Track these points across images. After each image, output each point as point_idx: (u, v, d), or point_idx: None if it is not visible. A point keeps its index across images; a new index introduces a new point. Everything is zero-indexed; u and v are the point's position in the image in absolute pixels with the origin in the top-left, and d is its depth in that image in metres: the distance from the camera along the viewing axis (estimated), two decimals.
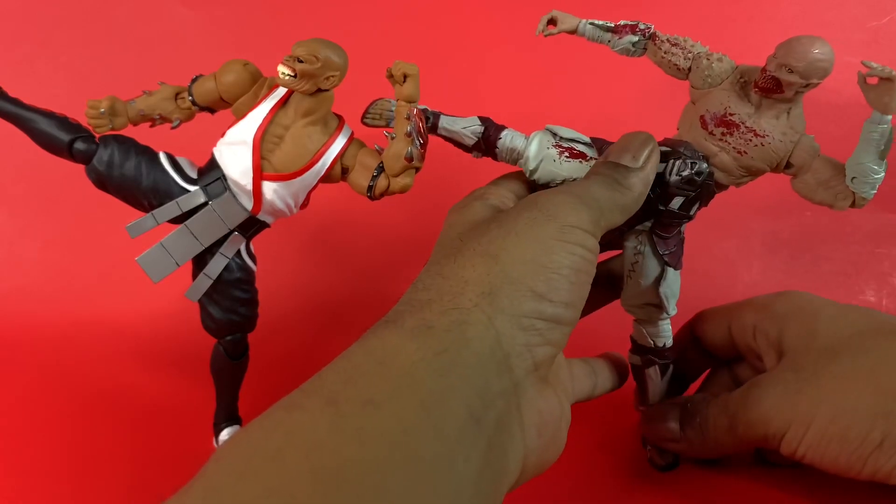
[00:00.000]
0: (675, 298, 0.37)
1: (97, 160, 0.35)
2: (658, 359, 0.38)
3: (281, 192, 0.36)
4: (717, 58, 0.34)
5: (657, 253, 0.35)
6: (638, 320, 0.38)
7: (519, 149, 0.35)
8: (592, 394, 0.37)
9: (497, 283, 0.27)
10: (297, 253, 0.61)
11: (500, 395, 0.25)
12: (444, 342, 0.25)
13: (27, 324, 0.54)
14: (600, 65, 0.60)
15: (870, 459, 0.30)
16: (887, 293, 0.59)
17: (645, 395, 0.40)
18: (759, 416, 0.34)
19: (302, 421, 0.22)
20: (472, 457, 0.23)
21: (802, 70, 0.30)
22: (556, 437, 0.28)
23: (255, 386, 0.41)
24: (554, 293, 0.27)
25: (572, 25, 0.35)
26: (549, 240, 0.28)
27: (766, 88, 0.31)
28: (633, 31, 0.35)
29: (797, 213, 0.60)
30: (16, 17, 0.63)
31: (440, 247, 0.31)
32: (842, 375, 0.32)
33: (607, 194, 0.30)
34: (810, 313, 0.36)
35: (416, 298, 0.27)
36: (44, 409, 0.45)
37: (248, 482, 0.20)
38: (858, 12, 0.61)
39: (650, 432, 0.40)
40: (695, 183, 0.33)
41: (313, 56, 0.33)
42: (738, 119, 0.33)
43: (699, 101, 0.34)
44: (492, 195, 0.33)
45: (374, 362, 0.24)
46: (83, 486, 0.38)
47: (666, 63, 0.35)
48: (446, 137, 0.36)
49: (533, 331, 0.26)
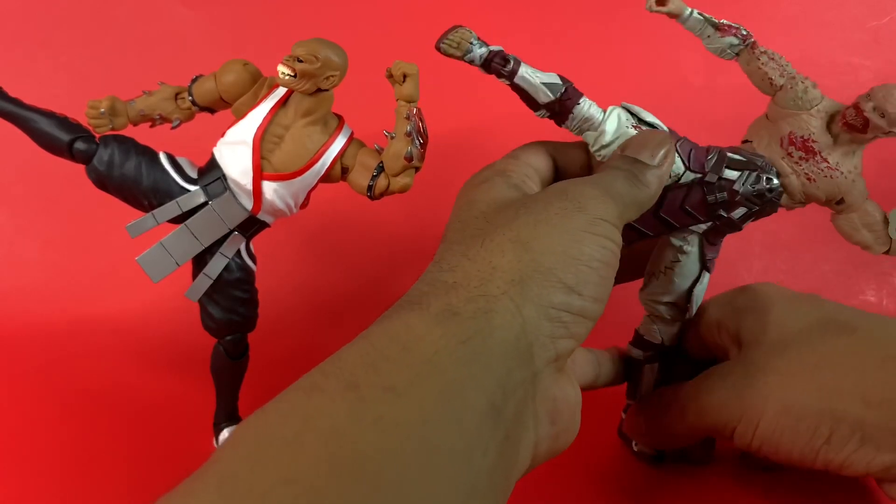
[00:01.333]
0: (699, 303, 0.37)
1: (97, 160, 0.35)
2: (661, 356, 0.38)
3: (281, 192, 0.36)
4: (811, 84, 0.34)
5: (702, 256, 0.36)
6: (652, 316, 0.38)
7: (595, 120, 0.34)
8: (595, 384, 0.38)
9: (528, 271, 0.26)
10: (297, 253, 0.61)
11: (520, 385, 0.25)
12: (469, 330, 0.24)
13: (27, 323, 0.54)
14: (600, 65, 0.60)
15: (820, 452, 0.31)
16: (887, 293, 0.59)
17: (637, 390, 0.40)
18: (709, 406, 0.34)
19: (321, 405, 0.22)
20: (490, 449, 0.23)
21: (894, 117, 0.31)
22: (571, 424, 0.28)
23: (255, 386, 0.41)
24: (583, 286, 0.27)
25: (679, 9, 0.35)
26: (581, 231, 0.27)
27: (853, 126, 0.32)
28: (736, 34, 0.35)
29: (797, 213, 0.60)
30: (16, 17, 0.63)
31: (462, 224, 0.30)
32: (787, 371, 0.33)
33: (629, 190, 0.30)
34: (764, 306, 0.37)
35: (440, 280, 0.27)
36: (44, 408, 0.45)
37: (264, 469, 0.20)
38: (858, 12, 0.61)
39: (627, 428, 0.40)
40: (764, 198, 0.34)
41: (313, 56, 0.33)
42: (818, 147, 0.33)
43: (781, 120, 0.34)
44: (513, 172, 0.33)
45: (398, 347, 0.24)
46: (83, 486, 0.38)
47: (760, 74, 0.35)
48: (520, 87, 0.34)
49: (559, 322, 0.26)
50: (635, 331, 0.39)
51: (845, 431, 0.31)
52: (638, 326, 0.39)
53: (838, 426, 0.31)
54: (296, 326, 0.55)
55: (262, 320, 0.40)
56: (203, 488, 0.20)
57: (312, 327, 0.56)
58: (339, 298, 0.60)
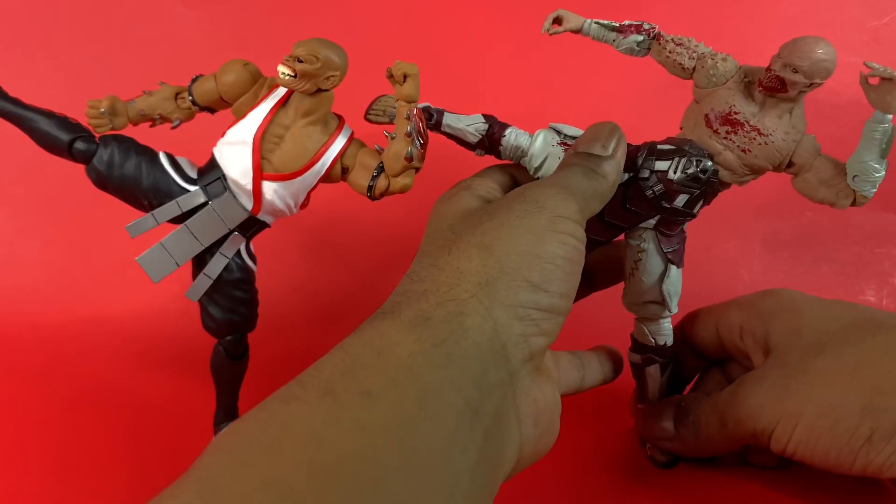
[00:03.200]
0: (678, 296, 0.37)
1: (97, 160, 0.35)
2: (659, 357, 0.38)
3: (281, 192, 0.36)
4: (721, 58, 0.34)
5: (661, 251, 0.36)
6: (640, 318, 0.38)
7: (523, 146, 0.35)
8: (581, 386, 0.37)
9: (493, 273, 0.27)
10: (296, 253, 0.61)
11: (497, 386, 0.25)
12: (441, 333, 0.25)
13: (27, 324, 0.54)
14: (600, 64, 0.60)
15: (860, 453, 0.31)
16: (887, 293, 0.59)
17: (644, 394, 0.40)
18: (748, 414, 0.34)
19: (299, 412, 0.22)
20: (469, 448, 0.23)
21: (807, 69, 0.30)
22: (551, 426, 0.29)
23: (255, 386, 0.41)
24: (549, 283, 0.27)
25: (577, 24, 0.35)
26: (542, 230, 0.28)
27: (770, 88, 0.32)
28: (638, 30, 0.35)
29: (798, 213, 0.60)
30: (16, 17, 0.63)
31: (431, 237, 0.31)
32: (827, 371, 0.33)
33: (587, 183, 0.31)
34: (795, 310, 0.37)
35: (411, 290, 0.28)
36: (44, 408, 0.45)
37: (243, 474, 0.20)
38: (858, 12, 0.61)
39: (646, 432, 0.40)
40: (700, 181, 0.33)
41: (313, 56, 0.33)
42: (743, 118, 0.33)
43: (703, 100, 0.34)
44: (478, 186, 0.34)
45: (372, 353, 0.24)
46: (83, 486, 0.38)
47: (670, 62, 0.35)
48: (449, 135, 0.36)
49: (529, 321, 0.27)
50: (631, 336, 0.39)
51: (887, 429, 0.30)
52: (632, 331, 0.39)
53: (880, 423, 0.30)
54: (296, 326, 0.55)
55: (262, 320, 0.40)
56: (184, 493, 0.20)
57: (312, 327, 0.56)
58: (339, 298, 0.60)
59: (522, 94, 0.64)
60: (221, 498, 0.19)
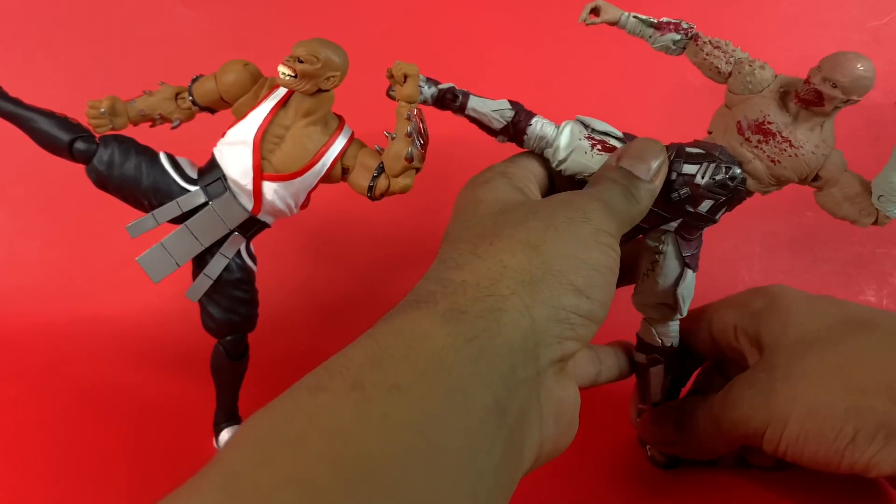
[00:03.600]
0: (690, 300, 0.37)
1: (97, 160, 0.35)
2: (664, 358, 0.38)
3: (281, 193, 0.36)
4: (759, 65, 0.33)
5: (679, 254, 0.35)
6: (648, 319, 0.38)
7: (549, 137, 0.35)
8: (596, 381, 0.37)
9: (538, 273, 0.26)
10: (297, 253, 0.61)
11: (524, 383, 0.25)
12: (475, 329, 0.24)
13: (27, 323, 0.54)
14: (600, 64, 0.60)
15: (846, 453, 0.31)
16: (888, 293, 0.59)
17: (647, 394, 0.40)
18: (740, 417, 0.34)
19: (326, 404, 0.22)
20: (495, 448, 0.23)
21: (846, 85, 0.30)
22: (571, 424, 0.28)
23: (255, 386, 0.41)
24: (591, 290, 0.27)
25: (615, 17, 0.35)
26: (588, 239, 0.28)
27: (807, 101, 0.32)
28: (677, 29, 0.35)
29: (798, 213, 0.60)
30: (16, 17, 0.63)
31: (467, 222, 0.30)
32: (812, 372, 0.33)
33: (625, 207, 0.31)
34: (783, 308, 0.37)
35: (447, 278, 0.27)
36: (43, 408, 0.45)
37: (268, 469, 0.20)
38: (858, 12, 0.61)
39: (648, 436, 0.40)
40: (727, 188, 0.33)
41: (314, 56, 0.33)
42: (776, 128, 0.33)
43: (736, 106, 0.34)
44: (514, 175, 0.33)
45: (403, 345, 0.24)
46: (83, 486, 0.38)
47: (707, 65, 0.35)
48: (473, 118, 0.35)
49: (567, 324, 0.26)
50: (636, 335, 0.39)
51: (871, 429, 0.30)
52: (638, 331, 0.39)
53: (863, 424, 0.30)
54: (296, 326, 0.55)
55: (262, 320, 0.40)
56: (207, 487, 0.20)
57: (312, 327, 0.56)
58: (339, 298, 0.60)
59: (522, 94, 0.64)
60: (245, 493, 0.19)
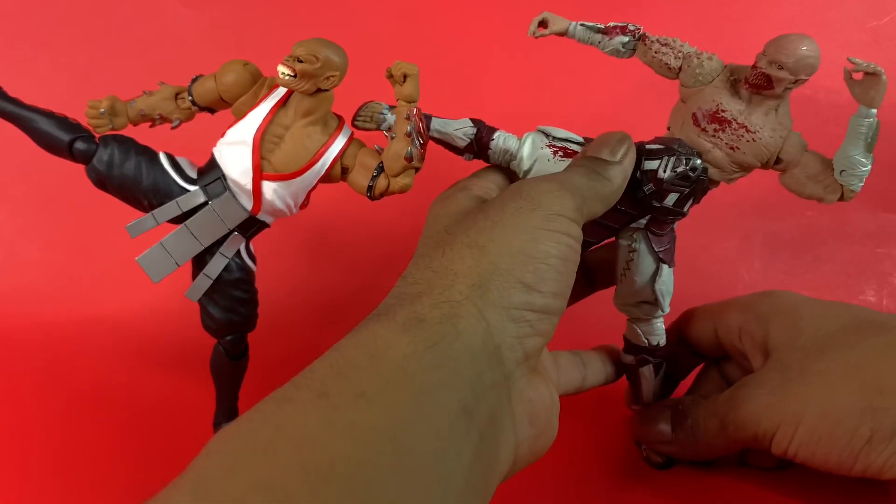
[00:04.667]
0: (670, 296, 0.37)
1: (97, 160, 0.35)
2: (652, 357, 0.38)
3: (281, 192, 0.36)
4: (706, 56, 0.34)
5: (652, 250, 0.36)
6: (632, 319, 0.38)
7: (512, 150, 0.35)
8: (582, 386, 0.37)
9: (486, 274, 0.27)
10: (296, 253, 0.61)
11: (491, 388, 0.25)
12: (435, 335, 0.25)
13: (27, 324, 0.54)
14: (599, 64, 0.60)
15: (860, 455, 0.30)
16: (888, 293, 0.59)
17: (638, 394, 0.40)
18: (749, 417, 0.34)
19: (293, 414, 0.22)
20: (464, 451, 0.23)
21: (792, 66, 0.31)
22: (548, 427, 0.28)
23: (255, 386, 0.41)
24: (542, 284, 0.27)
25: (563, 27, 0.35)
26: (536, 229, 0.28)
27: (756, 85, 0.32)
28: (624, 32, 0.35)
29: (798, 213, 0.60)
30: (16, 17, 0.63)
31: (427, 239, 0.31)
32: (827, 372, 0.33)
33: (589, 183, 0.31)
34: (793, 311, 0.37)
35: (405, 292, 0.27)
36: (43, 408, 0.45)
37: (237, 476, 0.20)
38: (858, 12, 0.61)
39: (642, 435, 0.40)
40: (689, 179, 0.33)
41: (313, 56, 0.33)
42: (730, 115, 0.33)
43: (690, 99, 0.35)
44: (475, 186, 0.34)
45: (366, 355, 0.24)
46: (83, 486, 0.38)
47: (657, 63, 0.35)
48: (437, 139, 0.36)
49: (523, 322, 0.27)
50: (623, 337, 0.39)
51: (887, 430, 0.30)
52: (624, 333, 0.39)
53: (880, 425, 0.30)
54: (296, 326, 0.55)
55: (261, 320, 0.40)
56: (178, 495, 0.20)
57: (312, 327, 0.56)
58: (339, 298, 0.60)
59: (522, 94, 0.64)
60: (215, 499, 0.19)
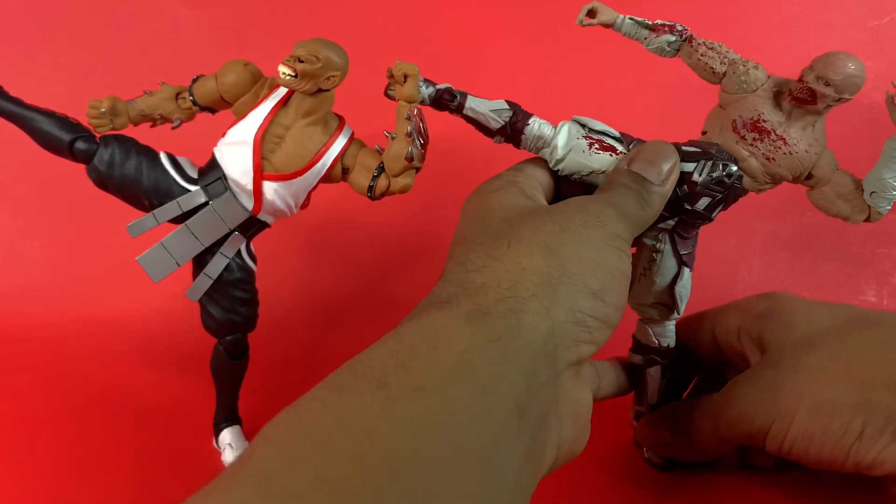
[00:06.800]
0: (687, 299, 0.37)
1: (98, 160, 0.35)
2: (661, 358, 0.38)
3: (281, 192, 0.36)
4: (753, 65, 0.34)
5: (676, 252, 0.35)
6: (645, 319, 0.38)
7: (546, 137, 0.35)
8: (596, 396, 0.37)
9: (556, 275, 0.26)
10: (297, 253, 0.61)
11: (544, 386, 0.25)
12: (499, 329, 0.24)
13: (27, 324, 0.54)
14: (599, 63, 0.60)
15: (852, 450, 0.31)
16: (888, 293, 0.59)
17: (643, 396, 0.40)
18: (742, 414, 0.34)
19: (352, 405, 0.22)
20: (517, 449, 0.23)
21: (838, 84, 0.31)
22: (587, 428, 0.28)
23: (255, 386, 0.41)
24: (607, 294, 0.27)
25: (611, 18, 0.35)
26: (603, 243, 0.28)
27: (800, 99, 0.32)
28: (671, 31, 0.35)
29: (798, 213, 0.60)
30: (16, 17, 0.63)
31: (482, 227, 0.30)
32: (819, 367, 0.33)
33: (637, 212, 0.31)
34: (788, 309, 0.37)
35: (467, 280, 0.27)
36: (44, 408, 0.45)
37: (298, 469, 0.20)
38: (858, 12, 0.61)
39: (645, 440, 0.40)
40: (724, 185, 0.33)
41: (314, 56, 0.33)
42: (770, 126, 0.33)
43: (730, 105, 0.34)
44: (523, 184, 0.33)
45: (427, 346, 0.24)
46: (83, 486, 0.38)
47: (701, 66, 0.35)
48: (470, 118, 0.35)
49: (584, 327, 0.26)
50: (632, 336, 0.39)
51: (879, 423, 0.30)
52: (634, 332, 0.39)
53: (872, 418, 0.30)
54: (296, 326, 0.55)
55: (262, 320, 0.40)
56: (238, 487, 0.20)
57: (312, 327, 0.56)
58: (339, 298, 0.60)
59: (522, 93, 0.64)
60: (277, 493, 0.19)
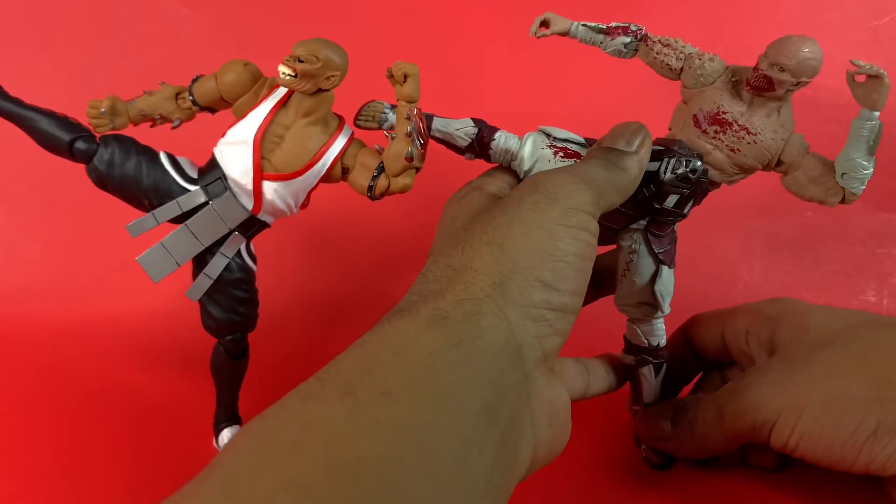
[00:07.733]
0: (670, 297, 0.37)
1: (98, 160, 0.35)
2: (652, 358, 0.38)
3: (281, 192, 0.36)
4: (708, 58, 0.34)
5: (652, 251, 0.36)
6: (632, 319, 0.38)
7: (513, 150, 0.35)
8: (586, 394, 0.37)
9: (506, 273, 0.26)
10: (296, 253, 0.61)
11: (512, 387, 0.25)
12: (459, 333, 0.25)
13: (27, 324, 0.54)
14: (599, 63, 0.60)
15: (864, 447, 0.30)
16: (888, 293, 0.59)
17: (639, 395, 0.40)
18: (749, 404, 0.33)
19: (319, 411, 0.22)
20: (486, 450, 0.23)
21: (794, 68, 0.31)
22: (564, 427, 0.28)
23: (255, 386, 0.41)
24: (561, 282, 0.27)
25: (564, 27, 0.35)
26: (554, 225, 0.28)
27: (758, 87, 0.32)
28: (625, 32, 0.35)
29: (798, 213, 0.60)
30: (16, 17, 0.63)
31: (444, 237, 0.31)
32: (834, 363, 0.32)
33: (605, 174, 0.30)
34: (801, 312, 0.37)
35: (427, 289, 0.27)
36: (44, 408, 0.45)
37: (266, 474, 0.20)
38: (858, 12, 0.61)
39: (643, 431, 0.40)
40: (689, 180, 0.33)
41: (314, 56, 0.33)
42: (731, 117, 0.33)
43: (691, 100, 0.35)
44: (488, 184, 0.34)
45: (391, 352, 0.24)
46: (83, 486, 0.38)
47: (658, 63, 0.35)
48: (439, 139, 0.36)
49: (542, 321, 0.26)
50: (623, 337, 0.39)
51: (893, 422, 0.29)
52: (625, 333, 0.39)
53: (886, 416, 0.29)
54: (296, 326, 0.55)
55: (262, 320, 0.40)
56: (206, 491, 0.20)
57: (312, 327, 0.56)
58: (339, 298, 0.60)
59: (522, 93, 0.64)
60: (244, 497, 0.19)
